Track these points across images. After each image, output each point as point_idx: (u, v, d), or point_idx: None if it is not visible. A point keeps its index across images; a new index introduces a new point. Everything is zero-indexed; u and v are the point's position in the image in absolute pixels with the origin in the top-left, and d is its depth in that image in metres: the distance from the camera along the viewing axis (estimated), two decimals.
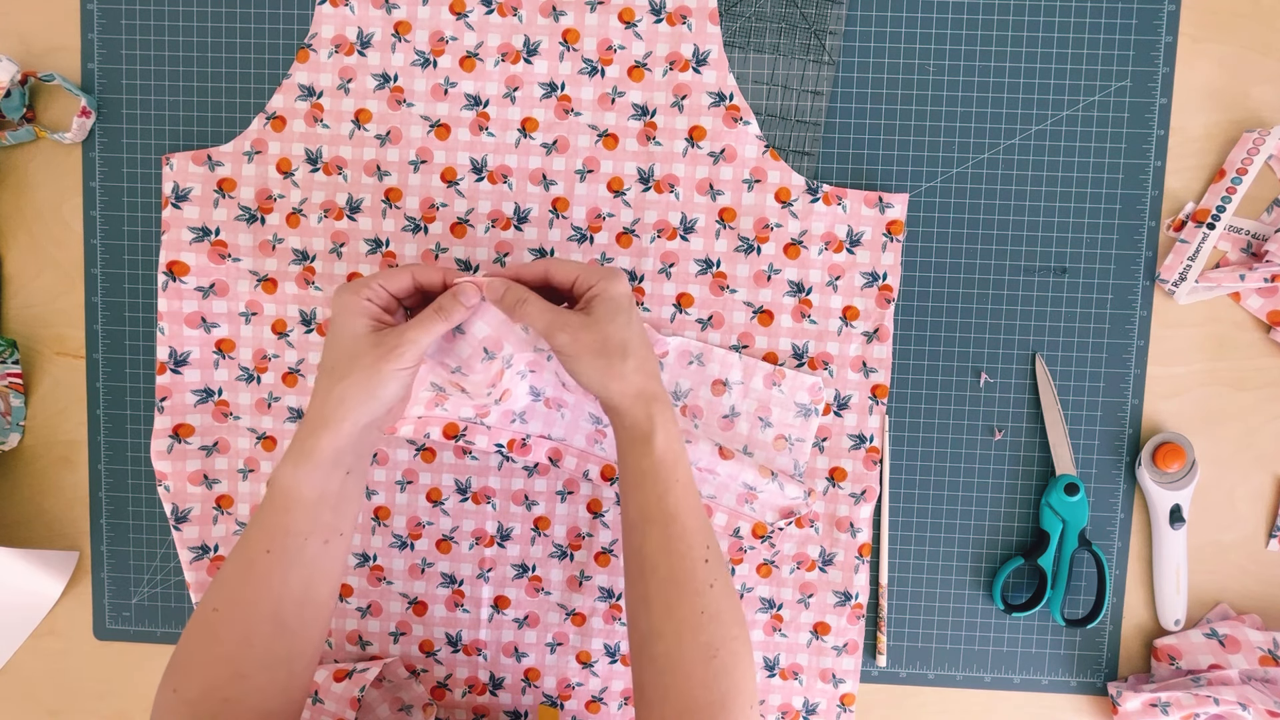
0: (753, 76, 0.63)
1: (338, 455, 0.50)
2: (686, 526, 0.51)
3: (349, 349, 0.50)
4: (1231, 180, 0.62)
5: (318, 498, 0.50)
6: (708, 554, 0.52)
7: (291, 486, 0.50)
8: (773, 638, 0.66)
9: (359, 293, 0.51)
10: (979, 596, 0.66)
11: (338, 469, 0.51)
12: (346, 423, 0.50)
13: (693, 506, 0.52)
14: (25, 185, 0.66)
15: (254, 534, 0.51)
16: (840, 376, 0.64)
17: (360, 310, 0.51)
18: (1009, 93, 0.63)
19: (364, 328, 0.51)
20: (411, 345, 0.50)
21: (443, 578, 0.66)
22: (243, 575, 0.51)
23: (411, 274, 0.53)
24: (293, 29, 0.64)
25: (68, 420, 0.67)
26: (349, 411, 0.50)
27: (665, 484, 0.51)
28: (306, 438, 0.50)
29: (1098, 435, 0.65)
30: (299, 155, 0.63)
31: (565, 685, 0.67)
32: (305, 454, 0.50)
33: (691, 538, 0.51)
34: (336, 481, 0.51)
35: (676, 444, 0.52)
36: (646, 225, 0.63)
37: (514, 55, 0.63)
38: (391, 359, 0.49)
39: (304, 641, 0.51)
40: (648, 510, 0.51)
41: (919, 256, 0.64)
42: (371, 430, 0.52)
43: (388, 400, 0.50)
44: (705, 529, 0.52)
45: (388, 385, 0.50)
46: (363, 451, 0.52)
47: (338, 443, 0.50)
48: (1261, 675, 0.62)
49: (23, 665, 0.68)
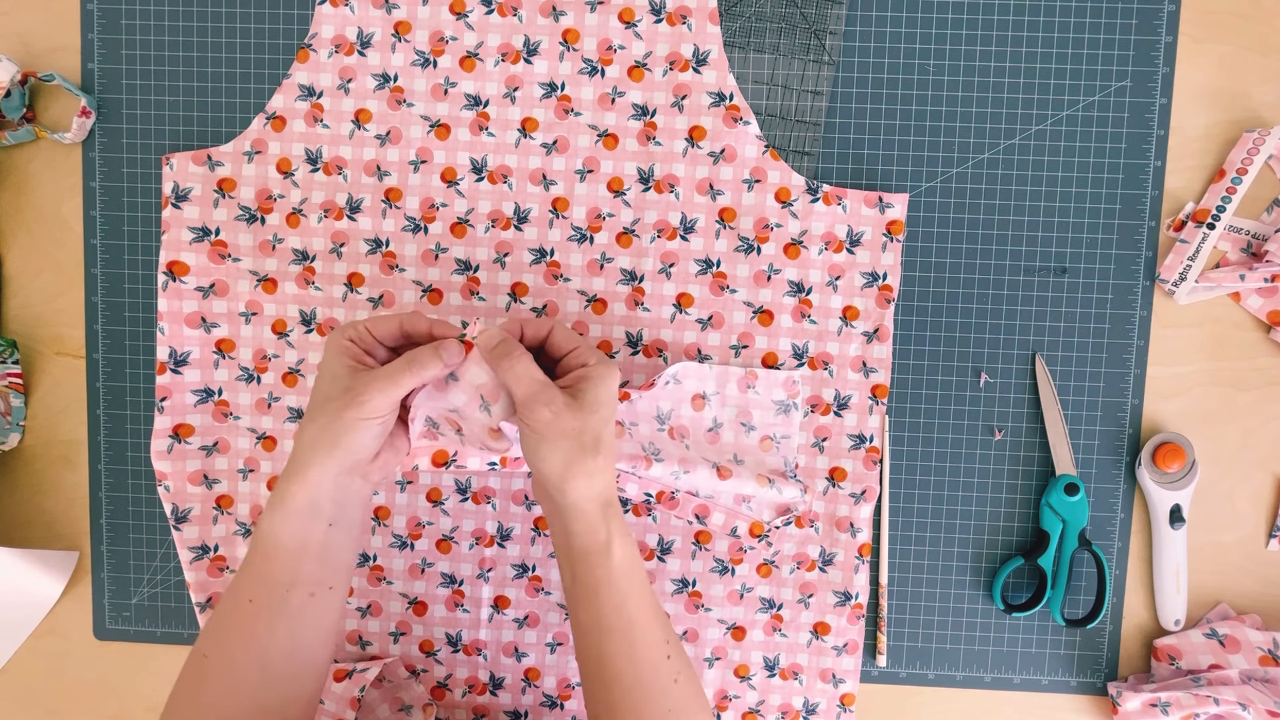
0: (753, 76, 0.63)
1: (313, 504, 0.48)
2: (647, 630, 0.50)
3: (324, 391, 0.49)
4: (1231, 180, 0.62)
5: (298, 547, 0.49)
6: (668, 649, 0.51)
7: (270, 534, 0.49)
8: (773, 638, 0.66)
9: (344, 332, 0.50)
10: (979, 596, 0.66)
11: (316, 519, 0.49)
12: (314, 470, 0.48)
13: (651, 607, 0.51)
14: (25, 185, 0.66)
15: (240, 581, 0.50)
16: (840, 376, 0.64)
17: (341, 350, 0.49)
18: (1009, 93, 0.63)
19: (343, 368, 0.49)
20: (375, 395, 0.47)
21: (443, 578, 0.66)
22: (228, 623, 0.49)
23: (400, 321, 0.51)
24: (293, 29, 0.64)
25: (68, 420, 0.67)
26: (315, 458, 0.48)
27: (623, 593, 0.50)
28: (282, 483, 0.49)
29: (1098, 435, 0.65)
30: (299, 155, 0.63)
31: (565, 685, 0.67)
32: (280, 500, 0.48)
33: (652, 639, 0.50)
34: (318, 532, 0.49)
35: (632, 549, 0.51)
36: (646, 225, 0.63)
37: (514, 55, 0.63)
38: (353, 407, 0.47)
39: (296, 691, 0.50)
40: (605, 620, 0.50)
41: (919, 256, 0.64)
42: (350, 480, 0.49)
43: (357, 450, 0.48)
44: (663, 624, 0.51)
45: (352, 434, 0.47)
46: (345, 502, 0.50)
47: (309, 491, 0.48)
48: (1261, 675, 0.62)
49: (23, 665, 0.68)
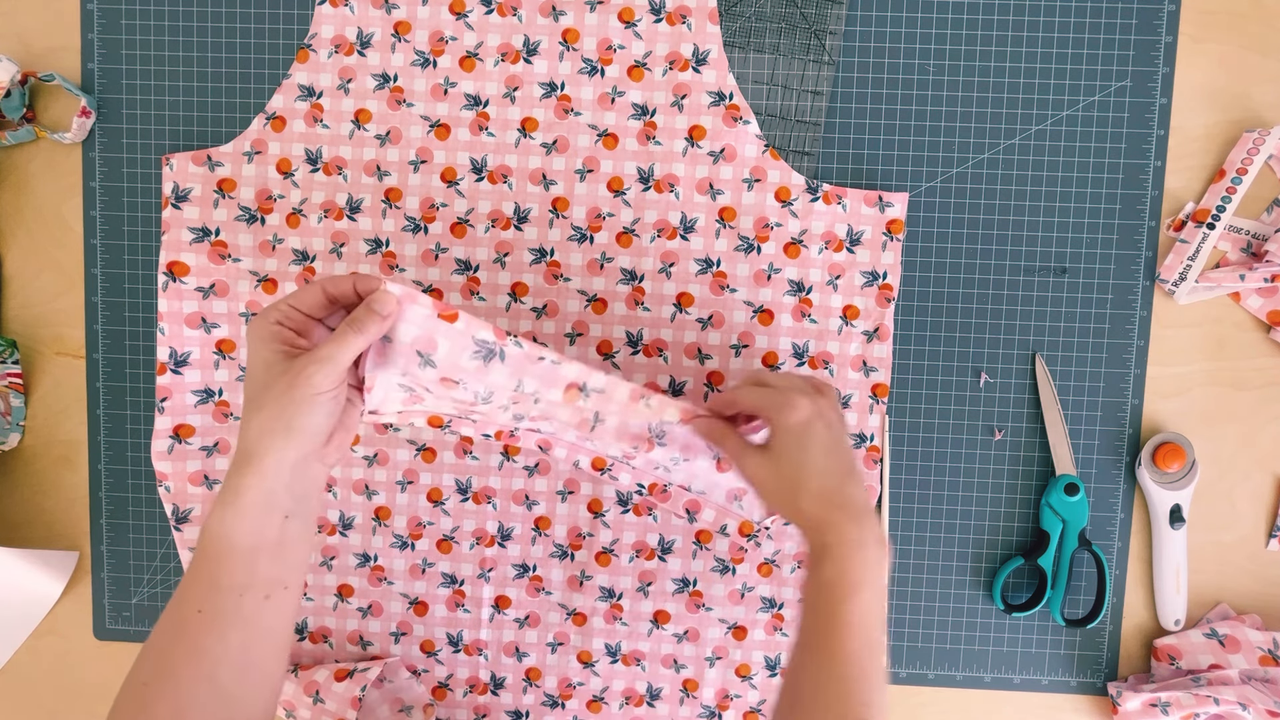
0: (753, 76, 0.63)
1: (269, 497, 0.46)
2: (845, 672, 0.47)
3: (261, 379, 0.46)
4: (1231, 180, 0.62)
5: (252, 546, 0.46)
6: (866, 709, 0.46)
7: (221, 534, 0.46)
8: (774, 637, 0.66)
9: (267, 317, 0.47)
10: (979, 596, 0.66)
11: (272, 512, 0.46)
12: (269, 459, 0.45)
13: (853, 648, 0.47)
14: (25, 185, 0.66)
15: (185, 591, 0.46)
16: (840, 376, 0.64)
17: (270, 336, 0.47)
18: (1009, 93, 0.63)
19: (275, 354, 0.46)
20: (322, 365, 0.45)
21: (443, 578, 0.66)
22: (172, 640, 0.46)
23: (321, 287, 0.48)
24: (293, 29, 0.64)
25: (68, 420, 0.67)
26: (269, 447, 0.45)
27: (829, 614, 0.48)
28: (232, 477, 0.46)
29: (1098, 435, 0.65)
30: (299, 155, 0.63)
31: (566, 685, 0.67)
32: (232, 496, 0.46)
33: (850, 685, 0.47)
34: (274, 527, 0.46)
35: (853, 572, 0.48)
36: (646, 225, 0.63)
37: (514, 55, 0.62)
38: (301, 384, 0.45)
39: (250, 710, 0.47)
40: (808, 636, 0.49)
41: (919, 256, 0.64)
42: (308, 467, 0.47)
43: (313, 431, 0.46)
44: (868, 677, 0.47)
45: (306, 414, 0.45)
46: (301, 492, 0.47)
47: (265, 483, 0.45)
48: (1261, 675, 0.62)
49: (23, 665, 0.68)
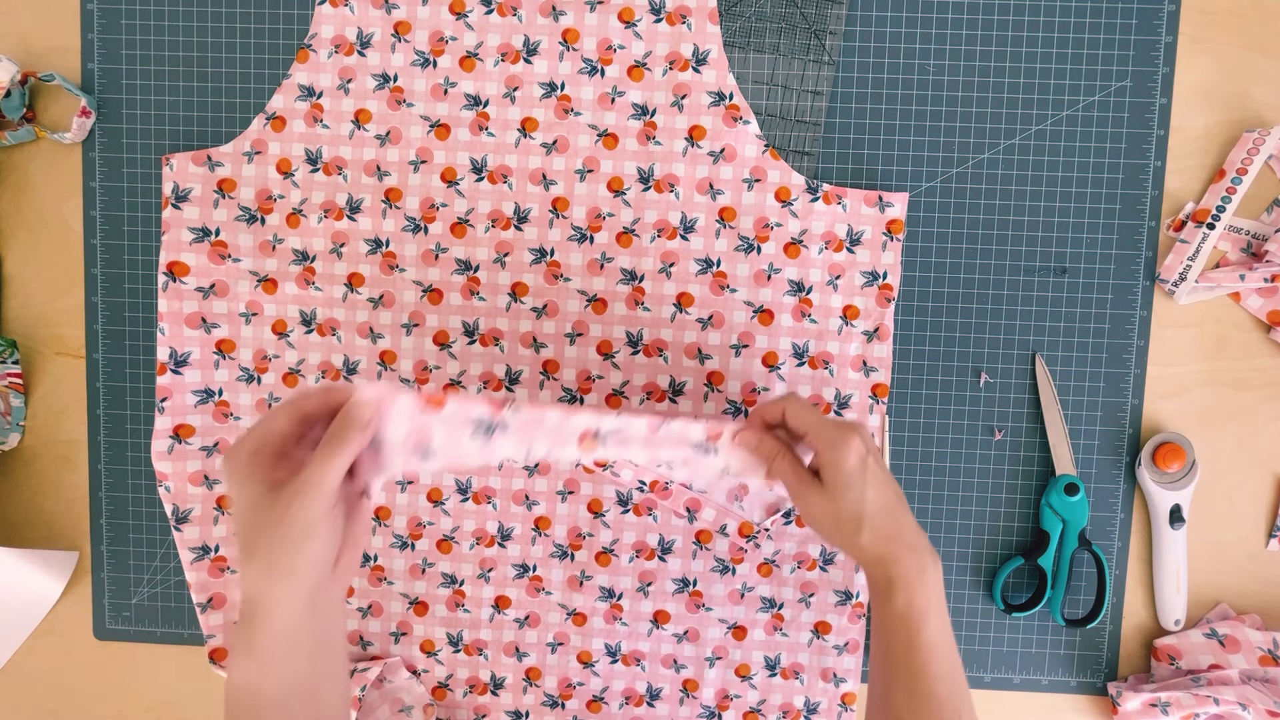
0: (753, 76, 0.63)
1: (289, 641, 0.43)
2: (934, 690, 0.48)
3: (249, 521, 0.43)
4: (1231, 180, 0.62)
5: (283, 695, 0.43)
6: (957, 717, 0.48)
7: (247, 689, 0.43)
8: (774, 637, 0.66)
9: (239, 453, 0.44)
10: (979, 596, 0.66)
11: (296, 654, 0.43)
12: (278, 607, 0.42)
13: (938, 669, 0.49)
14: (25, 185, 0.66)
15: None
16: (840, 376, 0.64)
17: (246, 474, 0.43)
18: (1009, 93, 0.63)
19: (257, 492, 0.43)
20: (309, 495, 0.42)
21: (443, 578, 0.66)
22: None
23: (290, 408, 0.45)
24: (293, 29, 0.64)
25: (68, 420, 0.67)
26: (273, 595, 0.42)
27: (908, 641, 0.49)
28: (243, 631, 0.43)
29: (1098, 435, 0.65)
30: (299, 155, 0.63)
31: (566, 685, 0.67)
32: (247, 650, 0.43)
33: (944, 702, 0.48)
34: (301, 666, 0.44)
35: (920, 599, 0.49)
36: (646, 225, 0.63)
37: (514, 55, 0.62)
38: (290, 520, 0.42)
39: None
40: (893, 660, 0.50)
41: (919, 256, 0.64)
42: (325, 592, 0.44)
43: (316, 564, 0.43)
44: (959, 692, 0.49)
45: (303, 550, 0.42)
46: (324, 620, 0.45)
47: (279, 630, 0.43)
48: (1261, 675, 0.62)
49: (23, 665, 0.68)
